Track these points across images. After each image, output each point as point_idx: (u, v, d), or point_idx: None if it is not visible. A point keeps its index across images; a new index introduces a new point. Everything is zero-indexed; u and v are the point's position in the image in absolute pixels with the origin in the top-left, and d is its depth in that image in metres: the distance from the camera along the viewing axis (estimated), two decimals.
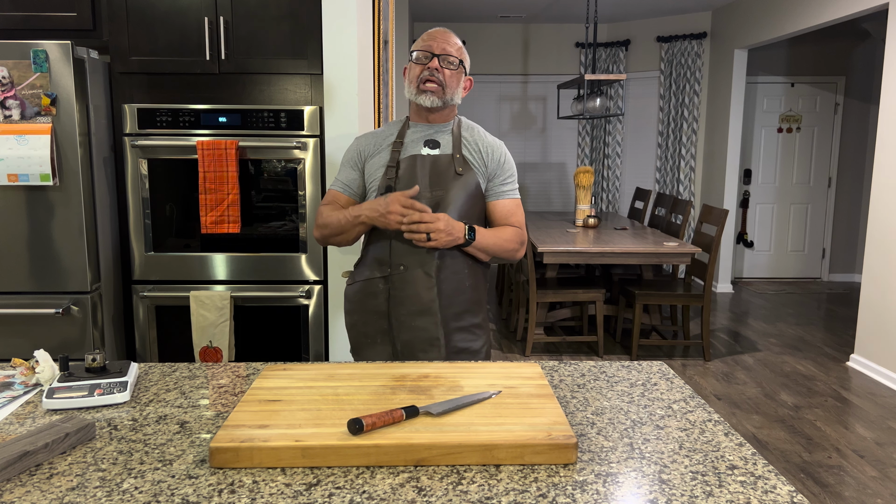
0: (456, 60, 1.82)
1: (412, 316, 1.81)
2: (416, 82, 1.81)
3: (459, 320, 1.85)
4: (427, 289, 1.79)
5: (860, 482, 2.86)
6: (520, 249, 1.89)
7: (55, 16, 2.57)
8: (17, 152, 2.37)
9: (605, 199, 7.37)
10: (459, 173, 1.81)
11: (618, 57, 7.12)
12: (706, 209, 4.64)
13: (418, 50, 1.82)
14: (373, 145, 1.89)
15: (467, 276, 1.84)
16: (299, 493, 0.97)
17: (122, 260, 2.72)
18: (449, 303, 1.82)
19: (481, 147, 1.87)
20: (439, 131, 1.87)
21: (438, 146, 1.85)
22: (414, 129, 1.88)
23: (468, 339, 1.86)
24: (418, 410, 1.14)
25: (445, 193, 1.80)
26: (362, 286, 1.87)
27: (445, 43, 1.81)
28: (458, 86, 1.85)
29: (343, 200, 1.90)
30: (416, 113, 1.88)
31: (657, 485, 1.01)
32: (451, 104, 1.86)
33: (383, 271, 1.82)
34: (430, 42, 1.81)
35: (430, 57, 1.80)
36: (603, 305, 4.45)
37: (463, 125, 1.90)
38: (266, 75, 2.63)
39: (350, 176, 1.91)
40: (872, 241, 4.24)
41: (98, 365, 1.36)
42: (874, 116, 6.72)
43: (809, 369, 4.32)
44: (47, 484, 1.00)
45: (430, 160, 1.82)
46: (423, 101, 1.81)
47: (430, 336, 1.82)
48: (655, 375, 1.48)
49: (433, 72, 1.79)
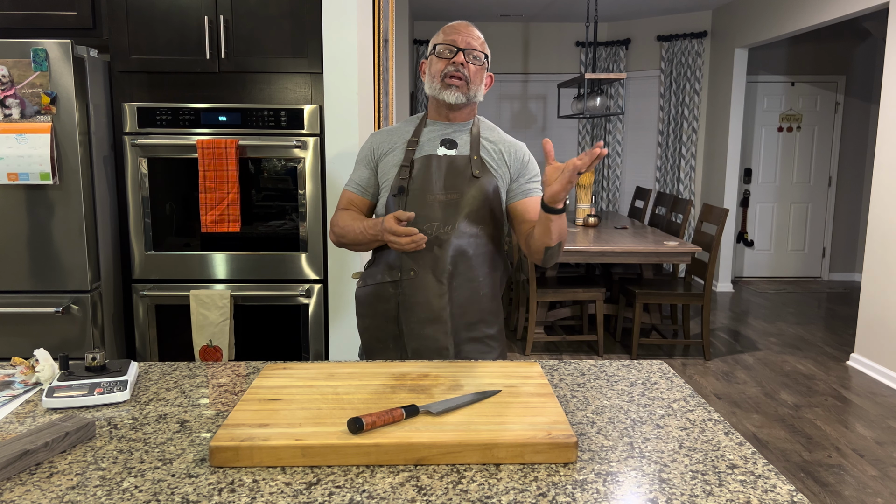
0: (481, 55, 1.73)
1: (421, 324, 1.72)
2: (439, 77, 1.71)
3: (472, 330, 1.76)
4: (438, 296, 1.70)
5: (860, 481, 2.86)
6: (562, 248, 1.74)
7: (55, 14, 2.57)
8: (16, 151, 2.37)
9: (606, 198, 7.37)
10: (476, 176, 1.72)
11: (618, 56, 7.11)
12: (706, 208, 4.64)
13: (442, 44, 1.72)
14: (387, 143, 1.80)
15: (483, 283, 1.75)
16: (299, 492, 0.97)
17: (122, 259, 2.72)
18: (462, 312, 1.73)
19: (502, 148, 1.78)
20: (458, 130, 1.78)
21: (456, 146, 1.75)
22: (431, 127, 1.79)
23: (481, 351, 1.77)
24: (418, 409, 1.14)
25: (460, 197, 1.71)
26: (373, 290, 1.78)
27: (470, 37, 1.72)
28: (481, 82, 1.76)
29: (358, 202, 1.82)
30: (436, 110, 1.79)
31: (657, 484, 1.01)
32: (474, 101, 1.77)
33: (393, 276, 1.74)
34: (454, 36, 1.72)
35: (455, 51, 1.70)
36: (603, 304, 4.45)
37: (483, 125, 1.82)
38: (266, 74, 2.63)
39: (363, 175, 1.82)
40: (872, 241, 4.24)
41: (98, 364, 1.36)
42: (874, 116, 6.71)
43: (809, 368, 4.32)
44: (47, 483, 1.00)
45: (445, 161, 1.73)
46: (447, 98, 1.71)
47: (438, 346, 1.72)
48: (655, 374, 1.48)
49: (458, 67, 1.69)
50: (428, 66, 1.77)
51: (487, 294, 1.77)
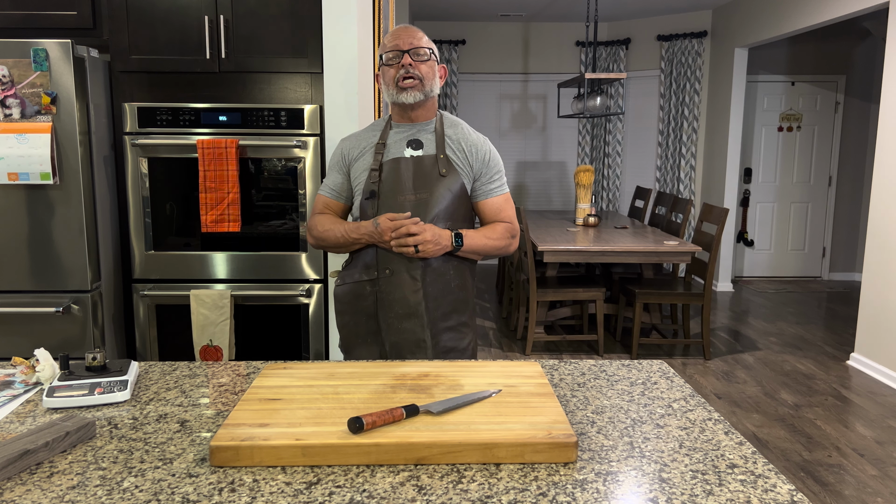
0: (427, 51, 1.80)
1: (399, 319, 1.82)
2: (393, 83, 1.79)
3: (447, 320, 1.85)
4: (413, 292, 1.80)
5: (860, 481, 2.86)
6: (512, 243, 1.90)
7: (55, 14, 2.57)
8: (17, 151, 2.37)
9: (606, 197, 7.37)
10: (443, 174, 1.81)
11: (618, 55, 7.11)
12: (706, 208, 4.64)
13: (387, 52, 1.80)
14: (357, 147, 1.88)
15: (453, 276, 1.85)
16: (299, 491, 0.97)
17: (123, 259, 2.72)
18: (436, 305, 1.82)
19: (465, 146, 1.85)
20: (422, 130, 1.85)
21: (422, 146, 1.83)
22: (396, 129, 1.87)
23: (455, 339, 1.87)
24: (418, 409, 1.14)
25: (430, 195, 1.79)
26: (352, 288, 1.87)
27: (411, 38, 1.80)
28: (434, 76, 1.83)
29: (334, 206, 1.92)
30: (399, 114, 1.86)
31: (657, 483, 1.01)
32: (432, 96, 1.84)
33: (370, 275, 1.83)
34: (395, 41, 1.80)
35: (401, 55, 1.78)
36: (603, 304, 4.45)
37: (446, 122, 1.89)
38: (266, 74, 2.63)
39: (337, 180, 1.91)
40: (873, 240, 4.24)
41: (98, 364, 1.36)
42: (874, 115, 6.71)
43: (809, 368, 4.32)
44: (48, 482, 1.00)
45: (413, 162, 1.81)
46: (405, 99, 1.79)
47: (416, 338, 1.82)
48: (655, 374, 1.48)
49: (408, 68, 1.77)
50: (382, 75, 1.84)
51: (458, 284, 1.87)
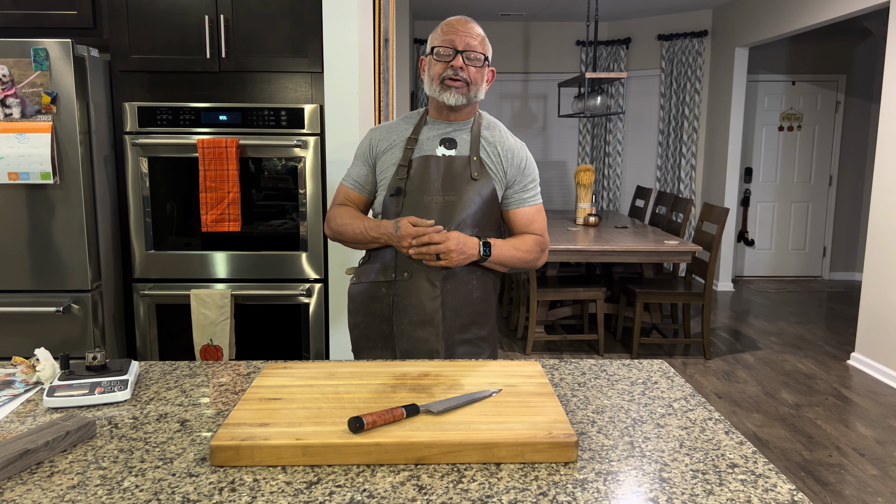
0: (481, 56, 1.68)
1: (413, 326, 1.71)
2: (438, 80, 1.68)
3: (464, 332, 1.75)
4: (431, 299, 1.69)
5: (861, 480, 2.86)
6: (541, 257, 1.79)
7: (56, 14, 2.57)
8: (17, 151, 2.37)
9: (606, 197, 7.36)
10: (475, 178, 1.70)
11: (618, 55, 7.11)
12: (707, 207, 4.63)
13: (440, 46, 1.67)
14: (386, 140, 1.77)
15: (476, 286, 1.74)
16: (300, 491, 0.97)
17: (123, 258, 2.72)
18: (454, 314, 1.72)
19: (500, 150, 1.74)
20: (458, 129, 1.75)
21: (455, 146, 1.73)
22: (431, 125, 1.76)
23: (471, 353, 1.76)
24: (419, 409, 1.14)
25: (458, 199, 1.68)
26: (367, 288, 1.77)
27: (468, 36, 1.67)
28: (482, 81, 1.72)
29: (355, 198, 1.81)
30: (436, 110, 1.75)
31: (658, 483, 1.01)
32: (476, 101, 1.73)
33: (387, 276, 1.73)
34: (451, 36, 1.66)
35: (454, 54, 1.66)
36: (603, 304, 4.44)
37: (484, 122, 1.78)
38: (266, 73, 2.63)
39: (361, 172, 1.80)
40: (873, 240, 4.24)
41: (98, 363, 1.36)
42: (875, 115, 6.71)
43: (810, 368, 4.32)
44: (48, 482, 1.00)
45: (444, 161, 1.70)
46: (447, 100, 1.68)
47: (429, 348, 1.72)
48: (656, 374, 1.48)
49: (457, 70, 1.65)
50: (427, 66, 1.73)
51: (480, 296, 1.76)
